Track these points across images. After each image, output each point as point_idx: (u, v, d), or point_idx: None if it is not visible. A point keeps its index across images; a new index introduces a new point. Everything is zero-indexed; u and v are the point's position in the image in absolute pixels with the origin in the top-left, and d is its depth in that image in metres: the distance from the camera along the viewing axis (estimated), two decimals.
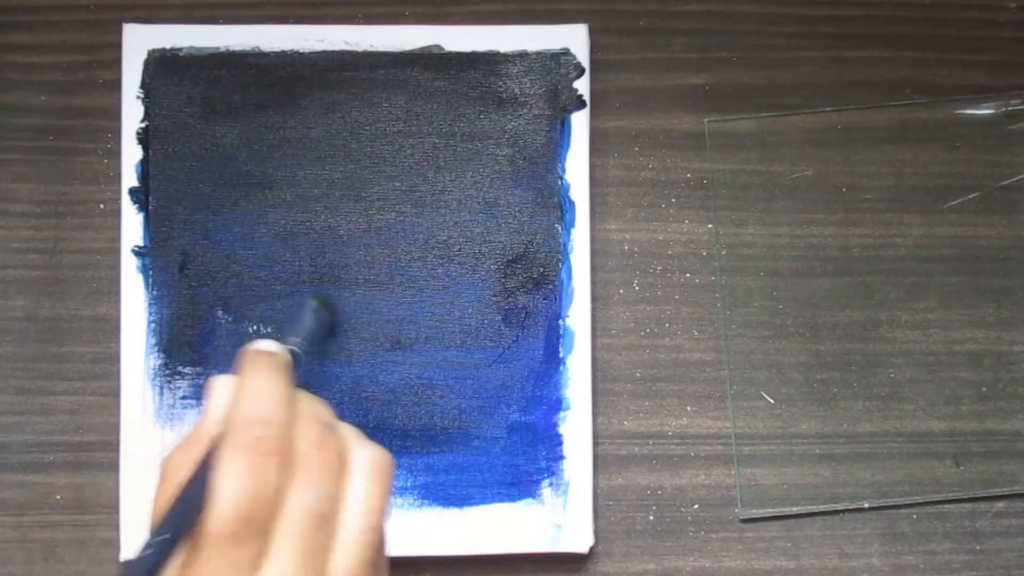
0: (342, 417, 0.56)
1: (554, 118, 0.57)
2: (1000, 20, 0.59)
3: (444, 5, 0.58)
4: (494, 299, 0.56)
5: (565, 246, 0.57)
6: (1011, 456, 0.57)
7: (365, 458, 0.39)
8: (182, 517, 0.36)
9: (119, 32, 0.57)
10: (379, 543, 0.39)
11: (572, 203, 0.57)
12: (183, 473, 0.37)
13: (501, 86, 0.57)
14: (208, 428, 0.38)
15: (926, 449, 0.57)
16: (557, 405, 0.56)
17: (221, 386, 0.39)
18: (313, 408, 0.39)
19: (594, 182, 0.58)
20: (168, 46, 0.57)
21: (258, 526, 0.36)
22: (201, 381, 0.56)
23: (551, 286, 0.56)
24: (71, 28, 0.58)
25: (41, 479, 0.56)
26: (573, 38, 0.57)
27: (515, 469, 0.56)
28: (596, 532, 0.56)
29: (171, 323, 0.56)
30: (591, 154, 0.57)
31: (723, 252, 0.58)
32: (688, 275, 0.58)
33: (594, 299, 0.57)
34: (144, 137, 0.57)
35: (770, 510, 0.57)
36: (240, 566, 0.35)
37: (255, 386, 0.38)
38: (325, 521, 0.37)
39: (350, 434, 0.40)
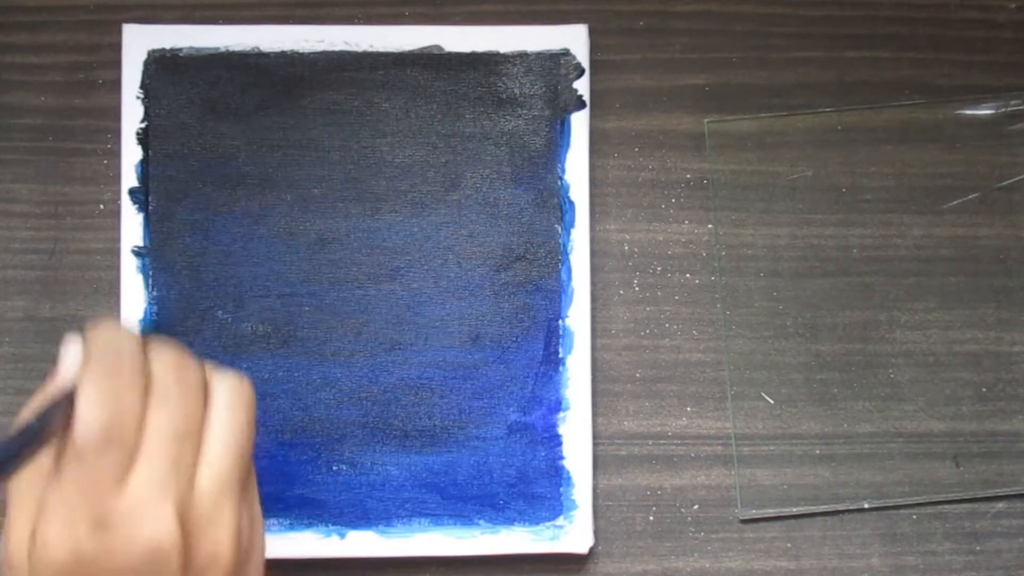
0: (342, 417, 0.56)
1: (554, 118, 0.57)
2: (1000, 20, 0.59)
3: (444, 5, 0.58)
4: (494, 299, 0.56)
5: (565, 246, 0.57)
6: (1011, 456, 0.57)
7: (226, 383, 0.42)
8: (43, 422, 0.38)
9: (119, 32, 0.57)
10: (245, 461, 0.41)
11: (572, 203, 0.57)
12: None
13: (501, 86, 0.57)
14: (63, 381, 0.40)
15: (926, 449, 0.57)
16: (557, 405, 0.56)
17: (73, 342, 0.41)
18: (169, 344, 0.42)
19: (594, 182, 0.58)
20: (168, 46, 0.57)
21: (121, 441, 0.38)
22: None
23: (551, 286, 0.56)
24: (71, 28, 0.58)
25: None
26: (573, 38, 0.57)
27: (515, 469, 0.56)
28: (596, 532, 0.56)
29: (171, 323, 0.56)
30: (591, 154, 0.57)
31: (723, 252, 0.58)
32: (688, 275, 0.58)
33: (594, 299, 0.57)
34: (144, 137, 0.57)
35: (770, 511, 0.57)
36: (106, 476, 0.38)
37: (106, 327, 0.41)
38: (187, 438, 0.39)
39: (209, 365, 0.42)
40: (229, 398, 0.41)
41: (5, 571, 0.40)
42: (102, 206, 0.57)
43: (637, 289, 0.58)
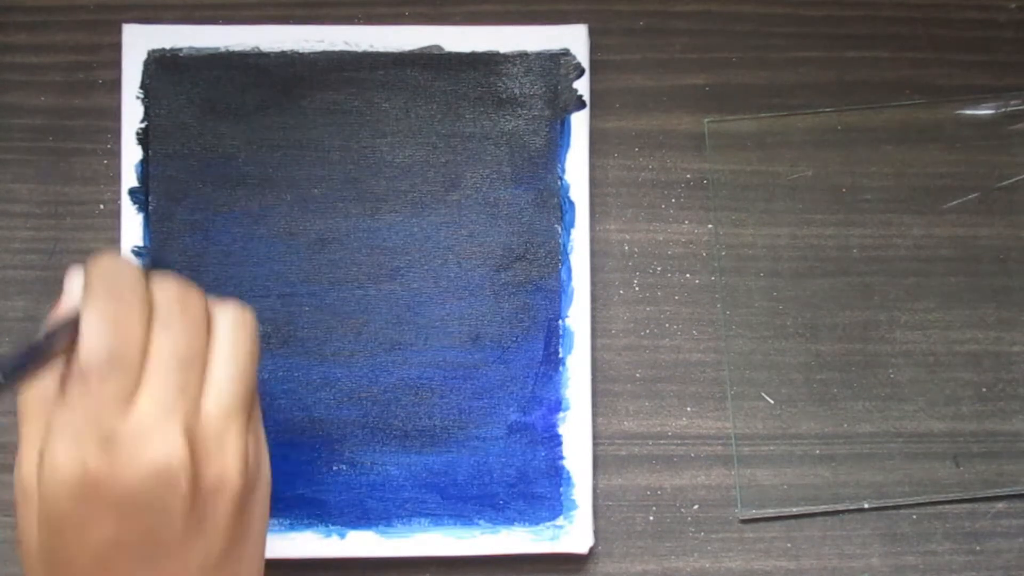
0: (342, 417, 0.56)
1: (554, 118, 0.57)
2: (1000, 20, 0.59)
3: (444, 5, 0.58)
4: (494, 299, 0.56)
5: (565, 246, 0.57)
6: (1011, 456, 0.57)
7: (228, 312, 0.42)
8: (48, 342, 0.39)
9: (119, 32, 0.57)
10: (250, 387, 0.41)
11: (572, 203, 0.57)
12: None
13: (501, 86, 0.57)
14: (65, 308, 0.41)
15: (926, 449, 0.57)
16: (557, 405, 0.56)
17: (77, 274, 0.41)
18: (170, 275, 0.42)
19: (594, 182, 0.58)
20: (168, 46, 0.57)
21: (125, 363, 0.38)
22: None
23: (551, 286, 0.56)
24: (71, 28, 0.58)
25: None
26: (573, 38, 0.57)
27: (515, 469, 0.56)
28: (596, 532, 0.56)
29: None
30: (591, 154, 0.57)
31: (723, 252, 0.58)
32: (688, 275, 0.58)
33: (594, 299, 0.57)
34: (144, 137, 0.57)
35: (770, 510, 0.57)
36: (112, 398, 0.38)
37: (107, 256, 0.41)
38: (192, 363, 0.40)
39: (212, 298, 0.42)
40: (232, 325, 0.42)
41: (18, 494, 0.40)
42: (102, 206, 0.57)
43: (637, 289, 0.58)
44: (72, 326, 0.39)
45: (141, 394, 0.39)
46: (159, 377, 0.39)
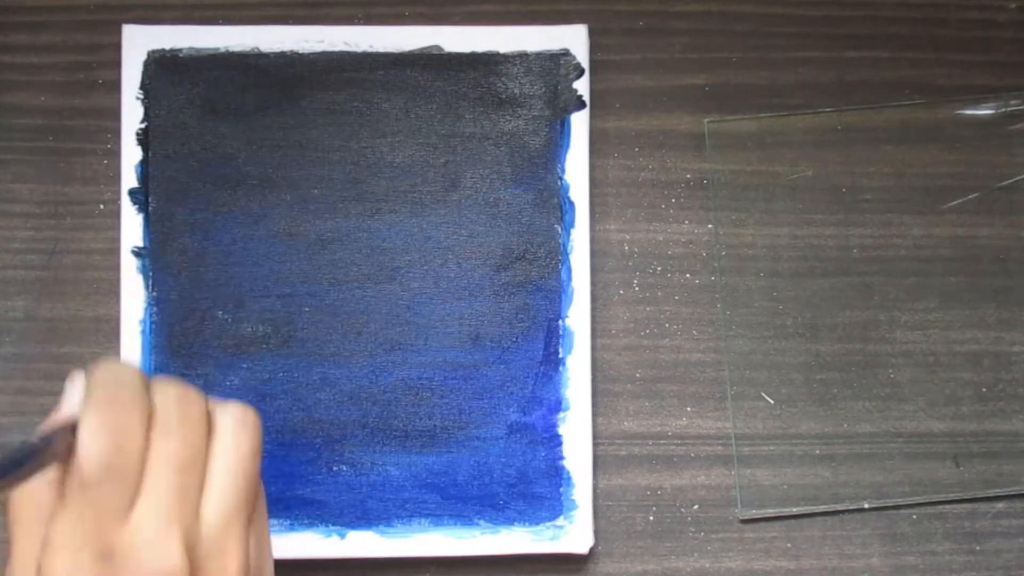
0: (342, 417, 0.56)
1: (554, 119, 0.57)
2: (1000, 20, 0.59)
3: (444, 6, 0.58)
4: (494, 299, 0.56)
5: (565, 246, 0.57)
6: (1011, 456, 0.57)
7: (229, 412, 0.41)
8: (44, 443, 0.38)
9: (119, 32, 0.57)
10: (251, 489, 0.41)
11: (572, 203, 0.57)
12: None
13: (501, 87, 0.57)
14: (64, 414, 0.40)
15: (926, 449, 0.57)
16: (557, 405, 0.56)
17: (77, 380, 0.41)
18: (171, 379, 0.41)
19: (594, 182, 0.58)
20: (168, 47, 0.57)
21: (124, 471, 0.38)
22: (201, 382, 0.56)
23: (551, 286, 0.56)
24: (71, 28, 0.58)
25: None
26: (573, 38, 0.57)
27: (515, 470, 0.56)
28: (596, 532, 0.56)
29: (171, 323, 0.56)
30: (591, 154, 0.57)
31: (723, 252, 0.58)
32: (688, 275, 0.58)
33: (594, 299, 0.57)
34: (144, 138, 0.57)
35: (770, 510, 0.57)
36: (111, 508, 0.37)
37: (109, 362, 0.40)
38: (192, 467, 0.39)
39: (213, 400, 0.42)
40: (233, 427, 0.41)
41: None
42: (102, 206, 0.57)
43: (637, 289, 0.58)
44: (70, 431, 0.38)
45: (140, 503, 0.38)
46: (158, 485, 0.38)
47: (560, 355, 0.56)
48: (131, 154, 0.57)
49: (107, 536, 0.38)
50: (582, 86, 0.57)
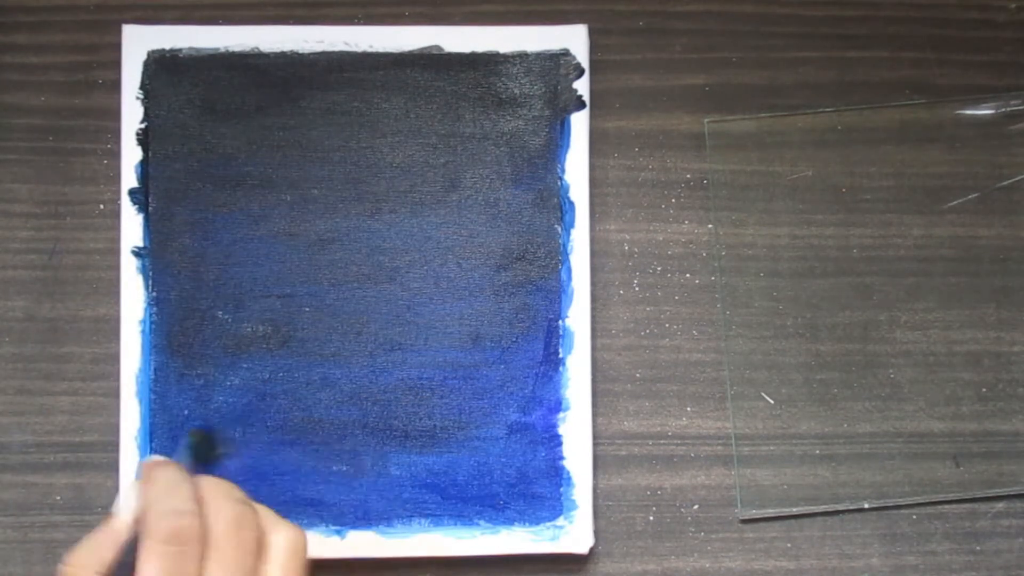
0: (342, 417, 0.56)
1: (554, 119, 0.57)
2: (1000, 20, 0.59)
3: (444, 6, 0.58)
4: (494, 299, 0.56)
5: (565, 246, 0.57)
6: (1011, 456, 0.57)
7: (282, 538, 0.42)
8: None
9: (119, 32, 0.57)
10: None
11: (572, 203, 0.57)
12: (97, 557, 0.40)
13: (501, 87, 0.57)
14: (117, 529, 0.41)
15: (926, 449, 0.57)
16: (557, 405, 0.56)
17: (129, 492, 0.42)
18: (226, 489, 0.42)
19: (594, 182, 0.58)
20: (168, 47, 0.57)
21: None
22: (201, 382, 0.56)
23: (551, 286, 0.56)
24: (71, 28, 0.58)
25: (41, 479, 0.56)
26: (573, 38, 0.57)
27: (515, 470, 0.56)
28: (596, 532, 0.56)
29: (171, 323, 0.56)
30: (591, 154, 0.57)
31: (723, 252, 0.58)
32: (688, 275, 0.58)
33: (594, 299, 0.57)
34: (144, 138, 0.57)
35: (770, 510, 0.57)
36: None
37: (162, 482, 0.41)
38: None
39: (266, 513, 0.43)
40: (286, 552, 0.42)
41: None
42: (102, 206, 0.57)
43: (637, 289, 0.58)
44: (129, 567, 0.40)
45: None
46: None
47: (560, 355, 0.56)
48: (131, 154, 0.57)
49: None
50: (582, 86, 0.57)
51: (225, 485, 0.43)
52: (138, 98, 0.57)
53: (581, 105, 0.57)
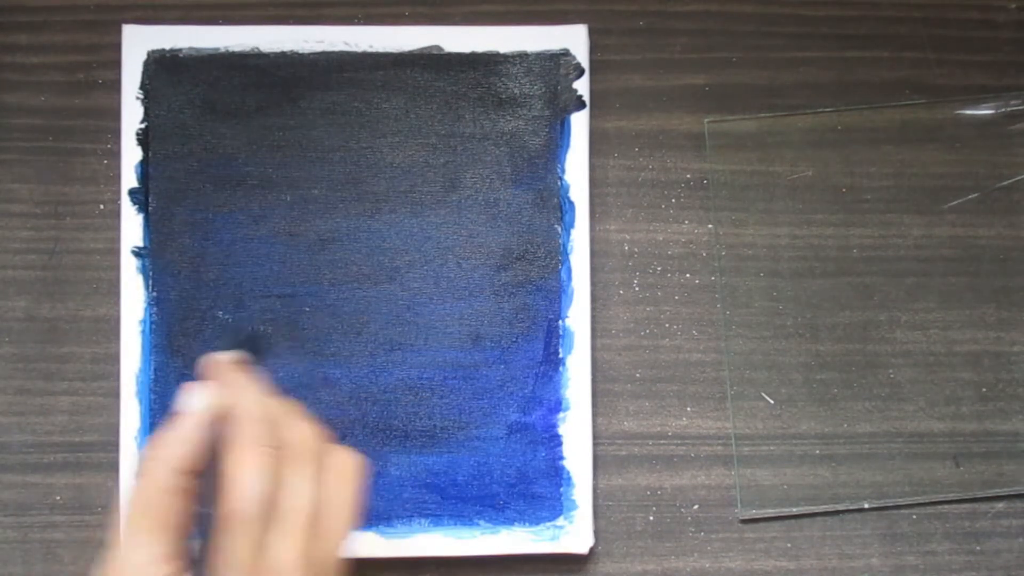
0: (342, 417, 0.56)
1: (554, 119, 0.57)
2: (1000, 20, 0.59)
3: (444, 6, 0.58)
4: (494, 299, 0.56)
5: (565, 246, 0.57)
6: (1011, 456, 0.57)
7: (341, 459, 0.44)
8: (207, 502, 0.42)
9: (119, 33, 0.57)
10: (354, 528, 0.44)
11: (572, 203, 0.57)
12: (179, 452, 0.41)
13: (501, 87, 0.57)
14: (194, 427, 0.42)
15: (926, 449, 0.57)
16: (557, 405, 0.56)
17: (200, 390, 0.43)
18: (291, 406, 0.44)
19: (594, 182, 0.58)
20: (168, 47, 0.57)
21: (267, 509, 0.41)
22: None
23: (551, 286, 0.56)
24: (71, 28, 0.58)
25: (41, 479, 0.56)
26: (573, 38, 0.57)
27: (515, 470, 0.56)
28: (596, 532, 0.56)
29: (171, 323, 0.56)
30: (591, 154, 0.57)
31: (723, 252, 0.58)
32: (688, 275, 0.58)
33: (594, 299, 0.57)
34: (144, 138, 0.57)
35: (770, 510, 0.57)
36: (256, 543, 0.41)
37: (246, 386, 0.43)
38: (315, 513, 0.42)
39: (323, 435, 0.44)
40: (345, 475, 0.44)
41: None
42: (102, 206, 0.57)
43: (637, 289, 0.58)
44: (210, 480, 0.41)
45: (276, 537, 0.41)
46: (295, 523, 0.41)
47: (560, 355, 0.56)
48: (131, 154, 0.57)
49: (253, 564, 0.40)
50: (582, 86, 0.57)
51: (289, 403, 0.44)
52: (138, 98, 0.57)
53: (581, 105, 0.57)
